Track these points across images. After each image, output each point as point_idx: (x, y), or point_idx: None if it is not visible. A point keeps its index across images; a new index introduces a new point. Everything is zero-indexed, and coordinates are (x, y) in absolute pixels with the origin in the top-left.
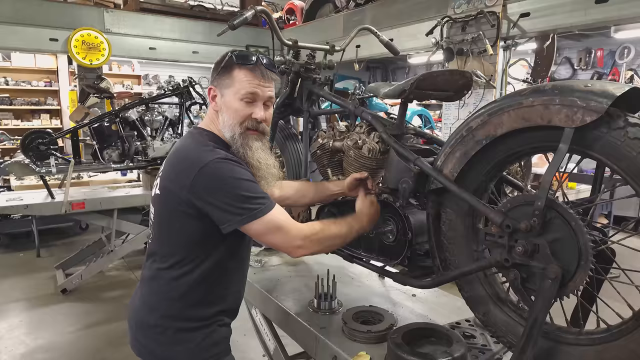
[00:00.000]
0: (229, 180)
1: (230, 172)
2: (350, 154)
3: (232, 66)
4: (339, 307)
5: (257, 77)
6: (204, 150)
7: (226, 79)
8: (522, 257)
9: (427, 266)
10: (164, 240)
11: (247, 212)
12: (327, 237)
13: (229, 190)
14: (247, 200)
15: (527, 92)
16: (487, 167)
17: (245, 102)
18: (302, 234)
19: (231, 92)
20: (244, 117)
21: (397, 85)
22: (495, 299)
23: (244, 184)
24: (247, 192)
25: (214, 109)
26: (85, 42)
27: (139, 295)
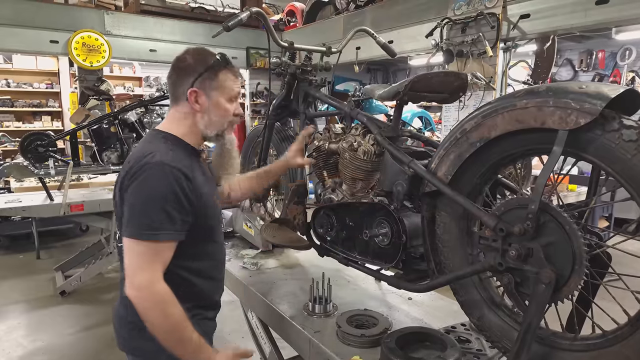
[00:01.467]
0: (148, 190)
1: (156, 183)
2: (346, 156)
3: (217, 69)
4: (333, 310)
5: (237, 77)
6: (148, 152)
7: (213, 81)
8: (516, 261)
9: (422, 269)
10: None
11: (129, 227)
12: (165, 310)
13: (141, 199)
14: (138, 218)
15: (521, 93)
16: (482, 169)
17: (230, 102)
18: (147, 283)
19: (219, 94)
20: (231, 116)
21: (391, 87)
22: (489, 303)
23: (157, 202)
24: (154, 211)
25: (196, 110)
26: (86, 44)
27: (120, 293)
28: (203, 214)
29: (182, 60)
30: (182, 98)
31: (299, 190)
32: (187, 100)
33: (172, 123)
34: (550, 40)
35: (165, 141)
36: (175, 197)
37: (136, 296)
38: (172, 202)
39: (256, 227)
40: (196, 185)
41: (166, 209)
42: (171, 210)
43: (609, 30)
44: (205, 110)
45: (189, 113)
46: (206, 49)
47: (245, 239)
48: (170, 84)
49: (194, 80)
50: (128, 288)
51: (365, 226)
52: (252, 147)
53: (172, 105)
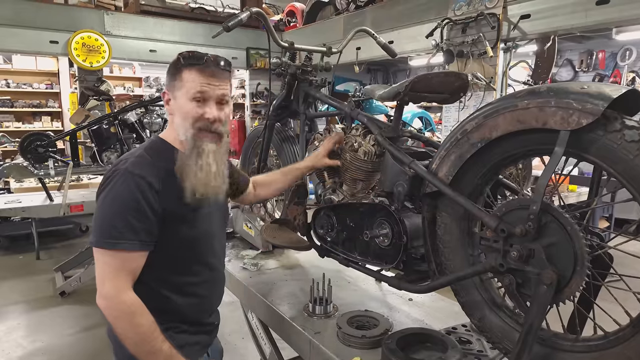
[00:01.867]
0: (113, 198)
1: (122, 191)
2: (346, 156)
3: (181, 68)
4: (334, 311)
5: (206, 76)
6: (127, 156)
7: (177, 81)
8: (517, 262)
9: (422, 270)
10: None
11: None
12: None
13: (106, 207)
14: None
15: (522, 94)
16: (483, 170)
17: (196, 102)
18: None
19: (181, 94)
20: (195, 118)
21: (392, 87)
22: (490, 304)
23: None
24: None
25: (170, 112)
26: (86, 44)
27: None
28: (175, 228)
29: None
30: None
31: (299, 191)
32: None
33: (167, 128)
34: (550, 41)
35: (149, 147)
36: (137, 206)
37: (104, 306)
38: (133, 212)
39: (256, 227)
40: (166, 196)
41: (127, 218)
42: (132, 220)
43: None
44: (172, 111)
45: (170, 116)
46: (192, 50)
47: (245, 240)
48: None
49: (166, 81)
50: (97, 297)
51: (365, 227)
52: (252, 147)
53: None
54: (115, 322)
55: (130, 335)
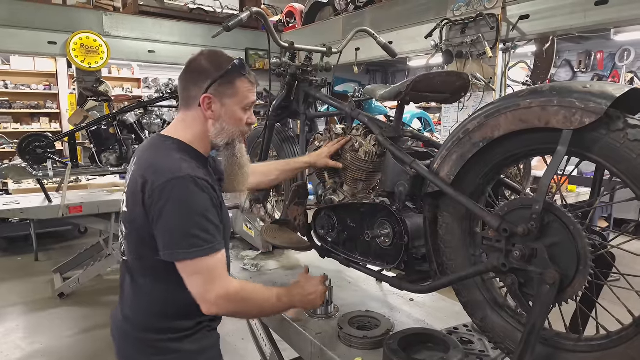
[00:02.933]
0: (183, 208)
1: (190, 199)
2: (347, 157)
3: (235, 76)
4: (335, 312)
5: (253, 85)
6: (169, 163)
7: (228, 89)
8: (520, 261)
9: (424, 270)
10: (138, 257)
11: (186, 249)
12: (248, 302)
13: (178, 219)
14: (191, 238)
15: (525, 93)
16: (485, 170)
17: (245, 110)
18: (222, 292)
19: (235, 102)
20: (244, 125)
21: (393, 87)
22: (492, 304)
23: (196, 219)
24: (196, 228)
25: (208, 117)
26: (84, 45)
27: (120, 309)
28: (224, 224)
29: (197, 63)
30: (194, 103)
31: (300, 191)
32: (199, 106)
33: (180, 128)
34: (549, 41)
35: (178, 149)
36: (213, 206)
37: (219, 311)
38: (213, 213)
39: (256, 228)
40: (219, 194)
41: (211, 219)
42: (214, 220)
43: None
44: (217, 117)
45: (199, 119)
46: (223, 52)
47: (245, 241)
48: (181, 87)
49: (208, 86)
50: (206, 309)
51: (366, 227)
52: (252, 148)
53: (182, 109)
54: (237, 315)
55: (254, 312)
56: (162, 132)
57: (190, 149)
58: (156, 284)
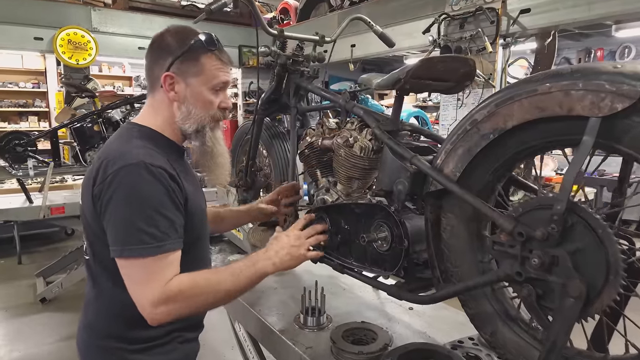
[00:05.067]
0: (131, 200)
1: (140, 190)
2: (341, 153)
3: (199, 52)
4: (327, 322)
5: (225, 63)
6: (122, 152)
7: (193, 66)
8: (538, 270)
9: (425, 278)
10: (99, 258)
11: (125, 245)
12: (196, 296)
13: (125, 211)
14: (137, 233)
15: (542, 76)
16: (495, 165)
17: (214, 92)
18: (157, 294)
19: (200, 81)
20: (215, 108)
21: (391, 74)
22: (504, 317)
23: (145, 212)
24: (143, 223)
25: (172, 100)
26: (72, 41)
27: (83, 315)
28: (189, 221)
29: (160, 40)
30: (157, 84)
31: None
32: (161, 87)
33: (148, 114)
34: (551, 36)
35: (141, 136)
36: (170, 199)
37: (162, 317)
38: (169, 206)
39: (244, 230)
40: (182, 187)
41: (166, 214)
42: (171, 215)
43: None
44: (182, 99)
45: (165, 102)
46: (191, 28)
47: (233, 244)
48: (146, 68)
49: (170, 64)
50: (148, 318)
51: (362, 230)
52: (240, 145)
53: (148, 93)
54: (188, 312)
55: (209, 302)
56: (133, 119)
57: (160, 136)
58: (116, 286)
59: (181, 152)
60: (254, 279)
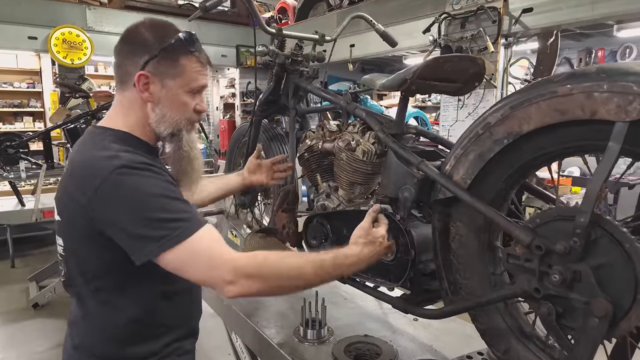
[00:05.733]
0: (137, 197)
1: (139, 185)
2: (342, 156)
3: (180, 52)
4: (329, 335)
5: (204, 65)
6: (103, 158)
7: (171, 67)
8: (559, 287)
9: (432, 289)
10: (83, 276)
11: (163, 238)
12: (273, 273)
13: (137, 210)
14: (162, 223)
15: (563, 77)
16: (508, 171)
17: (191, 94)
18: (233, 265)
19: (178, 84)
20: (192, 111)
21: (396, 74)
22: (518, 334)
23: (157, 201)
24: (161, 211)
25: (145, 100)
26: (66, 40)
27: (69, 339)
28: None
29: (135, 33)
30: (130, 82)
31: (289, 196)
32: (134, 86)
33: (118, 115)
34: (553, 36)
35: (116, 140)
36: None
37: (241, 291)
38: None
39: (242, 236)
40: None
41: (179, 197)
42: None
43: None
44: (157, 101)
45: (137, 102)
46: (169, 23)
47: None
48: (116, 63)
49: (145, 62)
50: (225, 293)
51: None
52: (237, 147)
53: (117, 90)
54: (269, 288)
55: (292, 283)
56: (100, 122)
57: (132, 137)
58: (105, 305)
59: (156, 153)
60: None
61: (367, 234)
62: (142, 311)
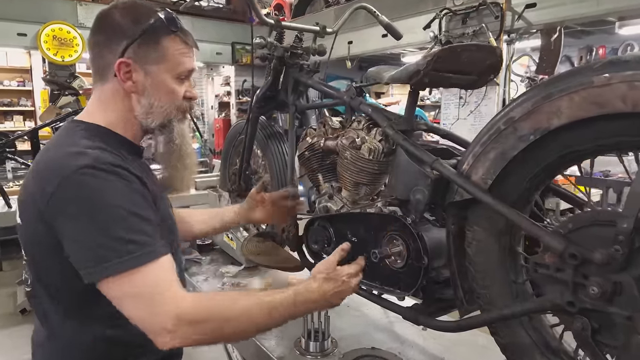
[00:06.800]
0: (94, 205)
1: (100, 190)
2: (346, 155)
3: (161, 34)
4: (332, 348)
5: (189, 47)
6: (67, 155)
7: (153, 51)
8: (597, 300)
9: (446, 299)
10: (46, 288)
11: (108, 261)
12: (220, 318)
13: (90, 221)
14: (113, 242)
15: (600, 65)
16: (534, 171)
17: (179, 80)
18: (175, 312)
19: (163, 69)
20: (181, 99)
21: (407, 65)
22: (543, 349)
23: (114, 213)
24: (115, 228)
25: (129, 91)
26: (57, 37)
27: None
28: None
29: (109, 19)
30: (109, 72)
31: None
32: (115, 76)
33: (96, 109)
34: (557, 32)
35: (88, 135)
36: (142, 197)
37: (183, 340)
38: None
39: (238, 239)
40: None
41: (143, 215)
42: (149, 215)
43: (612, 25)
44: (142, 90)
45: (118, 94)
46: (143, 3)
47: (226, 253)
48: (92, 55)
49: (125, 48)
50: (161, 342)
51: (372, 243)
52: (233, 146)
53: (95, 84)
54: (210, 339)
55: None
56: (77, 117)
57: (111, 133)
58: (74, 321)
59: (138, 152)
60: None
61: (328, 269)
62: (113, 329)
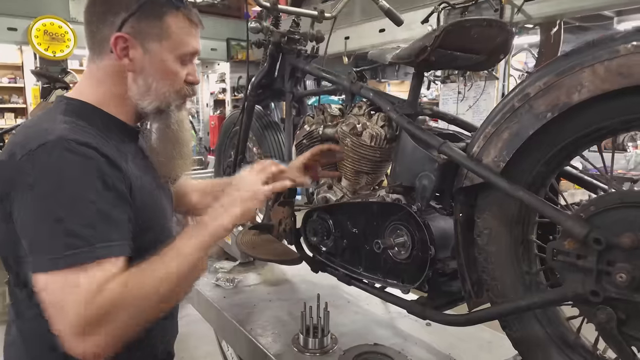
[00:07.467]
0: (50, 185)
1: (60, 171)
2: (347, 142)
3: (163, 7)
4: (332, 344)
5: (195, 25)
6: (40, 130)
7: (154, 26)
8: (624, 289)
9: (453, 291)
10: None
11: (48, 253)
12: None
13: (44, 202)
14: (59, 231)
15: (626, 33)
16: (551, 151)
17: (181, 61)
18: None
19: (165, 47)
20: (183, 81)
21: (413, 42)
22: (560, 344)
23: (69, 198)
24: (68, 215)
25: (125, 69)
26: (48, 32)
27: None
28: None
29: None
30: (105, 48)
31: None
32: (111, 52)
33: (87, 85)
34: (557, 26)
35: (68, 111)
36: (104, 185)
37: (93, 343)
38: (104, 194)
39: (233, 233)
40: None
41: (100, 207)
42: (107, 208)
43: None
44: (139, 69)
45: (114, 71)
46: None
47: (220, 247)
48: (88, 29)
49: (123, 21)
50: (70, 348)
51: (374, 234)
52: (228, 137)
53: (89, 60)
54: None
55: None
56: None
57: (97, 111)
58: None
59: (132, 134)
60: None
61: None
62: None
